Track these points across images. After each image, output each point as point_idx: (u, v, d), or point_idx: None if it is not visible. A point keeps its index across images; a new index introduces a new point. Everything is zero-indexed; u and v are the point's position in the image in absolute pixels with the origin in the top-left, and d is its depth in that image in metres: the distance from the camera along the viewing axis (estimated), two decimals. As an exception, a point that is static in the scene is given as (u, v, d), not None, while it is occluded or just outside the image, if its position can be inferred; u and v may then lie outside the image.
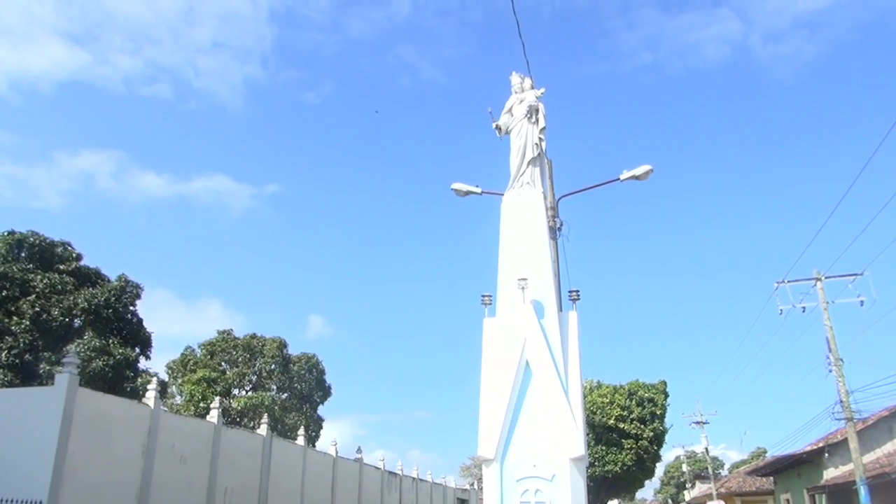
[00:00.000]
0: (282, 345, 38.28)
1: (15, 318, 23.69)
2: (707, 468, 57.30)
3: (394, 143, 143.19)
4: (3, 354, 22.46)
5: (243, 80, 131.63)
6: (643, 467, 41.80)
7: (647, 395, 41.11)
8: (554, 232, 16.98)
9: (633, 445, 39.86)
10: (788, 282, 25.76)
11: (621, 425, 39.83)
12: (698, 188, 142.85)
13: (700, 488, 60.01)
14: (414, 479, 42.74)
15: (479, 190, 17.78)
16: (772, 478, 40.39)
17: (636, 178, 17.94)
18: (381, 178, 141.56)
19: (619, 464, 39.62)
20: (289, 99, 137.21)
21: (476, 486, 54.39)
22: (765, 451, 69.34)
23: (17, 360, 22.65)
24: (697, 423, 52.14)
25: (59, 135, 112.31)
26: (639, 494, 60.01)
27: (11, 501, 14.77)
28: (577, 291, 14.07)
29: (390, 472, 38.98)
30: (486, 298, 14.01)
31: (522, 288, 13.31)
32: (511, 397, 12.93)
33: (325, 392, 40.24)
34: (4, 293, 24.12)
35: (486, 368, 13.44)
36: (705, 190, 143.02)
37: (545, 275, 13.80)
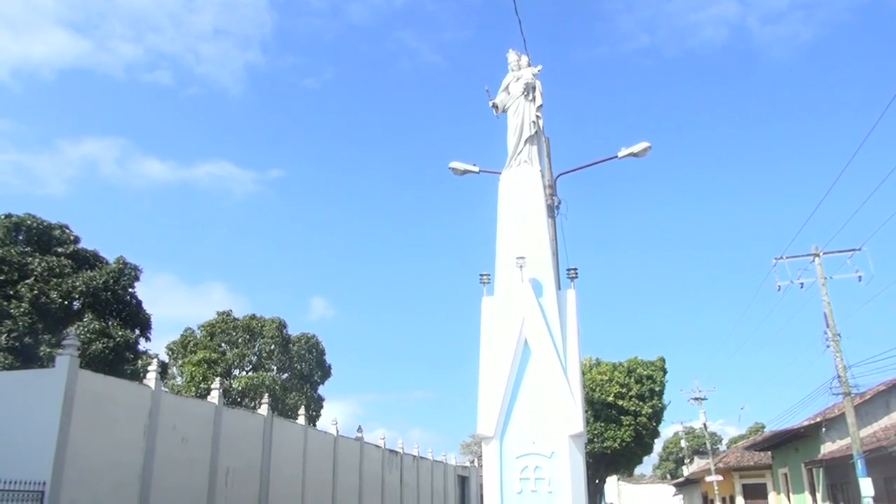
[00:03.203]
0: (281, 325, 38.33)
1: (14, 301, 23.68)
2: (705, 444, 57.71)
3: (393, 126, 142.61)
4: (3, 338, 22.49)
5: (244, 67, 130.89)
6: (642, 443, 42.07)
7: (645, 372, 41.25)
8: (552, 210, 16.94)
9: (632, 422, 40.07)
10: (787, 258, 25.78)
11: (620, 402, 40.01)
12: (696, 166, 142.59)
13: (698, 463, 60.48)
14: (415, 457, 43.03)
15: (476, 169, 17.70)
16: (769, 452, 40.70)
17: (634, 155, 17.86)
18: (381, 161, 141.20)
19: (618, 440, 39.86)
20: (289, 84, 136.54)
21: (476, 464, 54.80)
22: (763, 427, 69.87)
23: (16, 344, 22.68)
24: (696, 399, 52.37)
25: (62, 122, 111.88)
26: (637, 470, 60.50)
27: (15, 483, 14.84)
28: (576, 269, 14.05)
29: (391, 451, 39.24)
30: (485, 277, 13.99)
31: (520, 266, 13.28)
32: (510, 375, 12.96)
33: (326, 372, 40.38)
34: (3, 277, 24.09)
35: (484, 347, 13.46)
36: (703, 167, 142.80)
37: (543, 253, 13.78)
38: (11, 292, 24.00)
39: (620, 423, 40.11)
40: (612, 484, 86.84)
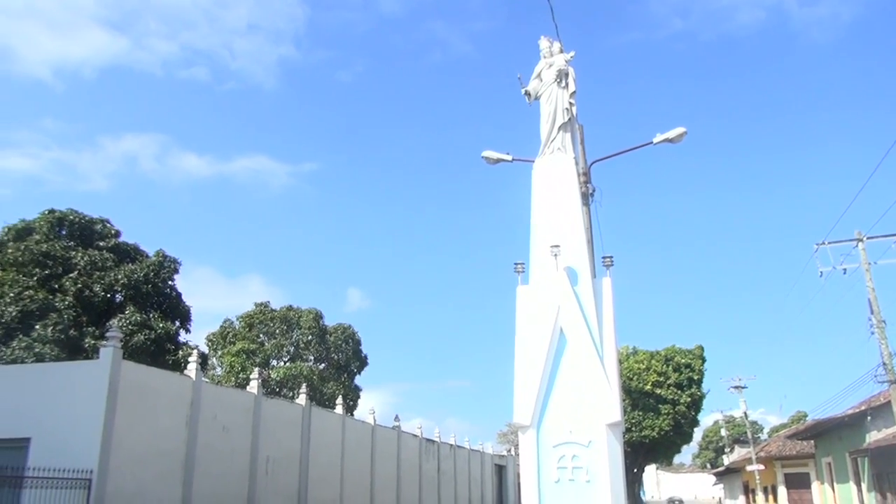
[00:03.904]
0: (318, 316, 38.74)
1: (59, 294, 24.31)
2: (746, 432, 56.94)
3: (426, 117, 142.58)
4: (50, 330, 23.09)
5: (277, 61, 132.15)
6: (681, 432, 41.71)
7: (683, 360, 40.85)
8: (586, 198, 16.77)
9: (671, 411, 39.75)
10: (829, 243, 25.19)
11: (658, 391, 39.71)
12: (735, 151, 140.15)
13: (739, 452, 59.67)
14: (451, 446, 43.18)
15: (509, 157, 17.59)
16: (812, 441, 39.98)
17: (670, 141, 17.56)
18: (414, 152, 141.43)
19: (657, 429, 39.58)
20: (322, 78, 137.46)
21: (513, 453, 54.83)
22: (805, 415, 68.60)
23: (62, 336, 23.27)
24: (736, 387, 51.65)
25: (103, 119, 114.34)
26: (676, 459, 59.99)
27: (63, 471, 15.28)
28: (611, 257, 13.91)
29: (428, 440, 39.44)
30: (519, 266, 13.94)
31: (555, 255, 13.22)
32: (546, 364, 12.93)
33: (362, 362, 40.72)
34: (48, 271, 24.74)
35: (520, 336, 13.43)
36: (741, 153, 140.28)
37: (578, 241, 13.68)
38: (56, 286, 24.64)
39: (658, 412, 39.79)
40: (650, 473, 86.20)
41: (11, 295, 23.32)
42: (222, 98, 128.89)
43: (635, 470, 42.93)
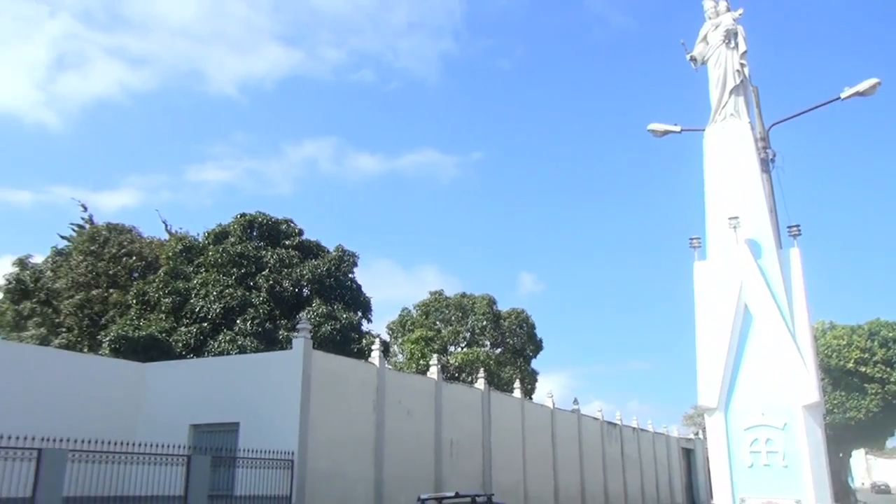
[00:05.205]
0: (491, 302, 39.31)
1: (254, 291, 26.57)
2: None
3: (589, 96, 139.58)
4: (248, 324, 25.31)
5: (438, 56, 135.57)
6: (892, 413, 37.99)
7: (891, 334, 37.14)
8: (766, 164, 15.62)
9: (879, 390, 36.35)
10: None
11: (862, 369, 36.44)
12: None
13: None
14: (634, 429, 42.21)
15: (678, 128, 16.79)
16: None
17: (860, 94, 15.90)
18: (579, 132, 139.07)
19: (863, 410, 36.39)
20: (483, 67, 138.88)
21: (701, 436, 52.64)
22: None
23: (259, 329, 25.43)
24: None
25: (285, 128, 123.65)
26: (889, 443, 54.67)
27: (268, 452, 16.75)
28: (798, 226, 12.92)
29: (609, 423, 38.81)
30: (695, 241, 13.37)
31: (734, 227, 12.55)
32: (731, 343, 12.36)
33: (537, 346, 40.81)
34: (243, 270, 27.12)
35: (700, 314, 12.92)
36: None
37: (759, 211, 12.88)
38: (251, 283, 26.94)
39: (864, 392, 36.60)
40: (859, 458, 79.41)
41: (214, 293, 25.81)
42: (389, 97, 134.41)
43: (840, 455, 39.71)
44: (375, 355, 21.65)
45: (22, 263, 31.98)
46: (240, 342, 24.50)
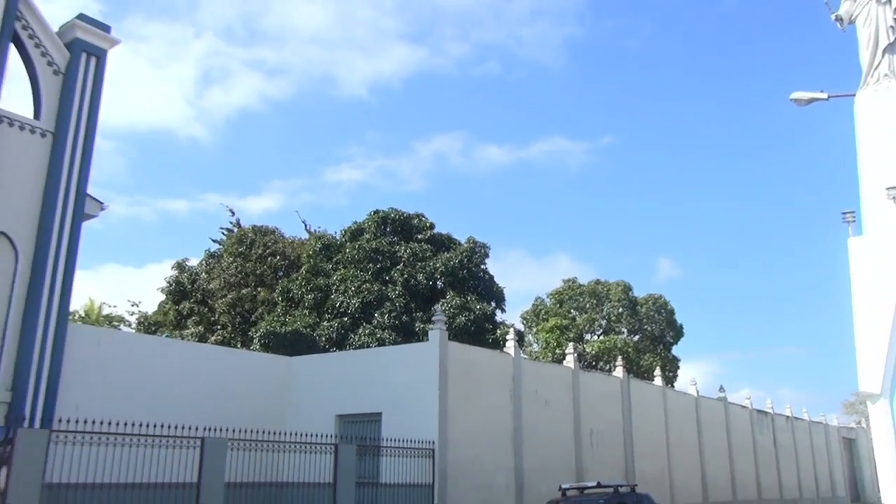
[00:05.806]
0: (626, 288, 38.37)
1: (390, 285, 27.36)
2: None
3: (721, 68, 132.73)
4: (385, 317, 26.10)
5: (563, 41, 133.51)
6: None
7: None
8: (930, 127, 14.24)
9: None
10: None
11: None
12: None
13: None
14: (787, 417, 39.84)
15: (824, 95, 15.58)
16: None
17: None
18: (712, 108, 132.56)
19: None
20: (609, 49, 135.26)
21: (864, 425, 48.87)
22: None
23: (396, 321, 26.18)
24: None
25: (414, 125, 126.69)
26: None
27: (410, 441, 17.21)
28: (971, 193, 11.67)
29: (759, 411, 36.86)
30: (849, 216, 12.39)
31: (893, 198, 11.52)
32: (894, 324, 11.34)
33: (678, 332, 39.44)
34: (379, 265, 27.99)
35: (857, 294, 11.96)
36: None
37: (923, 179, 11.73)
38: (387, 277, 27.75)
39: None
40: None
41: (353, 289, 26.82)
42: (514, 87, 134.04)
43: None
44: (510, 345, 21.67)
45: (180, 267, 34.61)
46: (378, 335, 25.34)
